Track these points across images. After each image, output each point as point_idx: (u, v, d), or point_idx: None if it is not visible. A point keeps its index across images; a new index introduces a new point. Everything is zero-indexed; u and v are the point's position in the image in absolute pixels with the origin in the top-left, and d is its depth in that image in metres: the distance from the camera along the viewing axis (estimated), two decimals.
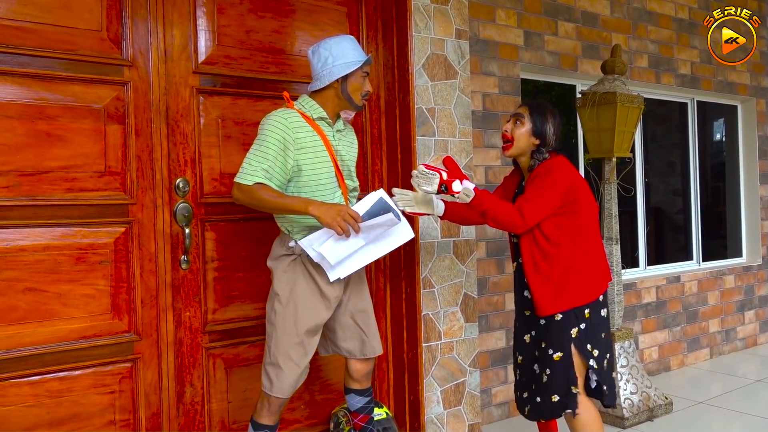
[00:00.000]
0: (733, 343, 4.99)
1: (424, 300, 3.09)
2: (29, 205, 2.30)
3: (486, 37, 3.50)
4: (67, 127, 2.36)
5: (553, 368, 2.43)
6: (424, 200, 2.57)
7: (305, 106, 2.32)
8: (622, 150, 3.57)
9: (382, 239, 2.30)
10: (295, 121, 2.25)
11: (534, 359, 2.53)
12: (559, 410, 2.45)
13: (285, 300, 2.27)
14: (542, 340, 2.47)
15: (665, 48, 4.52)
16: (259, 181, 2.18)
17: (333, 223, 2.13)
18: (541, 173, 2.44)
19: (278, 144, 2.20)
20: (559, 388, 2.42)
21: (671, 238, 5.11)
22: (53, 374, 2.33)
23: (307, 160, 2.26)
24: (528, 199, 2.38)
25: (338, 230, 2.13)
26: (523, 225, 2.38)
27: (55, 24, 2.34)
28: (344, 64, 2.28)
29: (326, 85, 2.30)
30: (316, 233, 2.23)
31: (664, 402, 3.61)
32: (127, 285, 2.47)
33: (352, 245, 2.22)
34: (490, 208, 2.36)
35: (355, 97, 2.34)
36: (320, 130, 2.30)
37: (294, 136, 2.23)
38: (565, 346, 2.42)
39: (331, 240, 2.19)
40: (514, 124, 2.51)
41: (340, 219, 2.13)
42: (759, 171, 5.25)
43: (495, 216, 2.37)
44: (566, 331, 2.42)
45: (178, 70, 2.59)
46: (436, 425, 3.13)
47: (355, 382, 2.48)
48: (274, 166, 2.20)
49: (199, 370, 2.63)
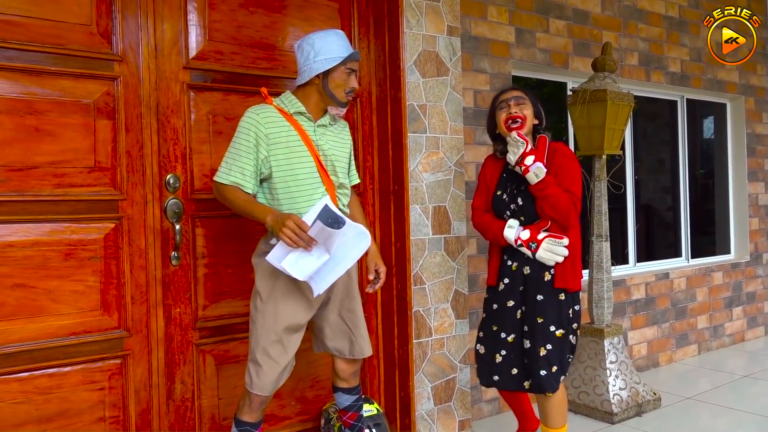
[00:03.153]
0: (721, 339, 5.03)
1: (415, 296, 3.09)
2: (18, 200, 2.28)
3: (477, 34, 3.50)
4: (57, 122, 2.34)
5: (554, 344, 2.51)
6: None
7: (284, 102, 2.30)
8: (612, 147, 3.59)
9: (350, 248, 2.19)
10: (267, 116, 2.23)
11: (523, 335, 2.56)
12: (559, 379, 2.54)
13: (265, 297, 2.25)
14: (539, 316, 2.52)
15: (655, 46, 4.54)
16: (235, 181, 2.17)
17: (280, 233, 2.06)
18: (564, 162, 2.54)
19: (250, 140, 2.19)
20: (558, 361, 2.53)
21: (660, 234, 5.14)
22: (42, 371, 2.32)
23: (281, 155, 2.22)
24: (572, 191, 2.50)
25: (287, 242, 2.05)
26: (575, 218, 2.50)
27: (44, 18, 2.33)
28: (325, 60, 2.24)
29: (307, 80, 2.28)
30: (277, 247, 2.14)
31: (652, 397, 3.64)
32: (117, 281, 2.46)
33: (315, 259, 2.12)
34: (555, 194, 2.45)
35: (338, 93, 2.29)
36: (298, 125, 2.26)
37: (266, 131, 2.20)
38: (566, 324, 2.53)
39: (294, 254, 2.10)
40: (519, 106, 2.58)
41: (287, 229, 2.04)
42: (747, 168, 5.29)
43: (556, 202, 2.46)
44: (566, 310, 2.53)
45: (168, 66, 2.57)
46: (426, 421, 3.14)
47: (342, 381, 2.47)
48: (247, 164, 2.18)
49: (190, 366, 2.63)
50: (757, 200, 5.37)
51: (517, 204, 2.58)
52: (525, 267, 2.57)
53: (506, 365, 2.60)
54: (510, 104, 2.59)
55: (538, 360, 2.50)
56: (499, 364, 2.61)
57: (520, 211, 2.57)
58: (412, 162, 3.08)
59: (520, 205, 2.57)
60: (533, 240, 2.50)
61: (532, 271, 2.55)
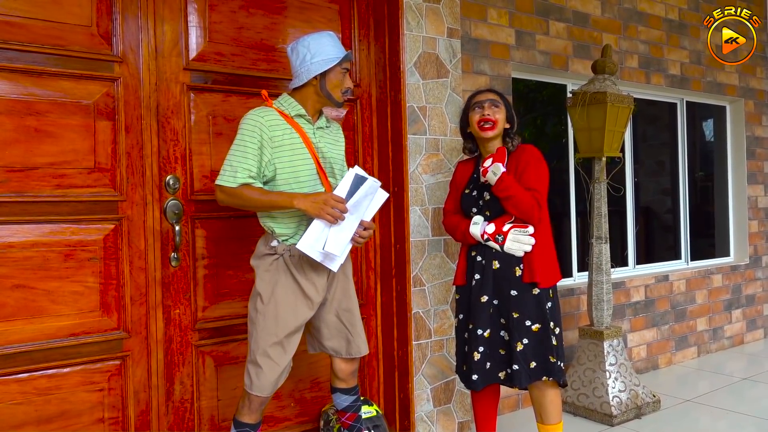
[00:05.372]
0: (720, 342, 5.03)
1: (415, 298, 3.09)
2: (18, 201, 2.28)
3: (477, 36, 3.50)
4: (57, 123, 2.35)
5: (531, 338, 2.53)
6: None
7: (284, 104, 2.31)
8: (612, 149, 3.59)
9: (366, 209, 2.29)
10: (271, 119, 2.24)
11: (500, 328, 2.57)
12: (539, 374, 2.54)
13: (266, 299, 2.25)
14: (513, 311, 2.53)
15: (655, 48, 4.55)
16: (244, 182, 2.17)
17: (321, 213, 2.13)
18: (531, 161, 2.58)
19: (255, 143, 2.19)
20: (537, 356, 2.53)
21: (660, 237, 5.14)
22: (42, 372, 2.31)
23: (285, 158, 2.24)
24: (536, 188, 2.52)
25: (329, 219, 2.13)
26: (539, 214, 2.51)
27: (45, 19, 2.33)
28: (322, 61, 2.26)
29: (305, 82, 2.29)
30: (310, 233, 2.17)
31: (652, 400, 3.64)
32: (117, 282, 2.46)
33: (349, 228, 2.20)
34: (516, 194, 2.47)
35: (335, 93, 2.32)
36: (299, 127, 2.28)
37: (270, 134, 2.21)
38: (543, 318, 2.54)
39: (330, 233, 2.16)
40: (492, 109, 2.62)
41: (328, 207, 2.13)
42: (747, 171, 5.29)
43: (518, 202, 2.48)
44: (543, 304, 2.54)
45: (168, 67, 2.58)
46: (425, 423, 3.13)
47: (340, 381, 2.47)
48: (253, 166, 2.19)
49: (189, 367, 2.63)
50: (756, 203, 5.37)
51: (484, 199, 2.61)
52: (493, 261, 2.58)
53: (483, 361, 2.59)
54: (484, 106, 2.63)
55: (513, 355, 2.52)
56: (477, 362, 2.58)
57: (486, 206, 2.60)
58: (411, 163, 3.09)
59: (487, 200, 2.60)
60: (499, 232, 2.53)
61: (501, 266, 2.56)
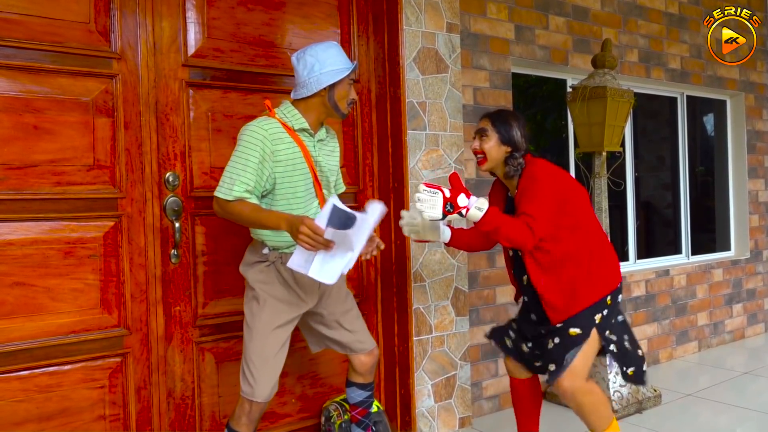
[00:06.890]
0: (721, 336, 5.03)
1: (415, 294, 3.09)
2: (17, 198, 2.28)
3: (477, 31, 3.49)
4: (55, 120, 2.34)
5: (563, 339, 2.41)
6: (431, 226, 2.55)
7: (287, 116, 2.25)
8: (612, 144, 3.58)
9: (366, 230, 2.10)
10: (274, 132, 2.18)
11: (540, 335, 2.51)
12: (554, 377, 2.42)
13: (262, 303, 2.23)
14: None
15: (655, 42, 4.54)
16: (239, 196, 2.11)
17: (297, 239, 1.98)
18: (527, 184, 2.38)
19: (257, 156, 2.13)
20: (558, 358, 2.41)
21: (660, 232, 5.14)
22: (42, 369, 2.32)
23: (285, 172, 2.19)
24: (528, 212, 2.29)
25: (305, 246, 1.98)
26: (533, 240, 2.29)
27: (42, 15, 2.32)
28: (332, 72, 2.21)
29: (313, 93, 2.23)
30: (296, 253, 2.05)
31: (652, 394, 3.64)
32: (117, 279, 2.46)
33: (340, 259, 2.05)
34: (503, 224, 2.25)
35: (342, 105, 2.28)
36: (301, 141, 2.23)
37: (273, 148, 2.16)
38: (587, 327, 2.41)
39: (317, 259, 2.03)
40: (481, 139, 2.46)
41: (303, 235, 1.95)
42: (747, 165, 5.28)
43: (508, 232, 2.26)
44: (591, 317, 2.42)
45: (167, 63, 2.57)
46: (426, 418, 3.14)
47: (359, 376, 2.47)
48: (252, 179, 2.12)
49: (190, 364, 2.63)
50: (757, 197, 5.36)
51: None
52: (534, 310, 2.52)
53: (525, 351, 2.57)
54: (474, 138, 2.50)
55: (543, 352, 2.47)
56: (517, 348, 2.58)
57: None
58: (411, 159, 3.08)
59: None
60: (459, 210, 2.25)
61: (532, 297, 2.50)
